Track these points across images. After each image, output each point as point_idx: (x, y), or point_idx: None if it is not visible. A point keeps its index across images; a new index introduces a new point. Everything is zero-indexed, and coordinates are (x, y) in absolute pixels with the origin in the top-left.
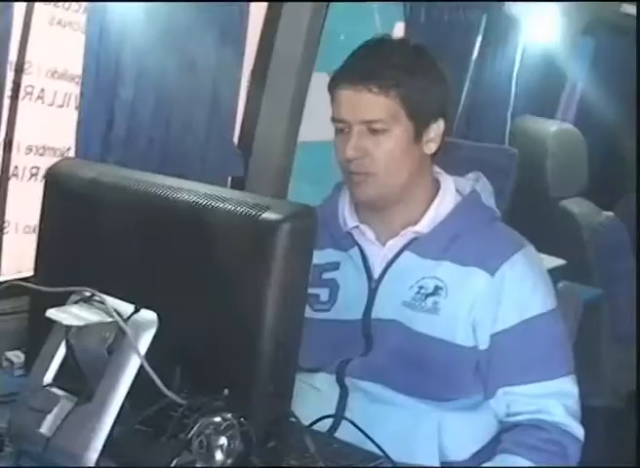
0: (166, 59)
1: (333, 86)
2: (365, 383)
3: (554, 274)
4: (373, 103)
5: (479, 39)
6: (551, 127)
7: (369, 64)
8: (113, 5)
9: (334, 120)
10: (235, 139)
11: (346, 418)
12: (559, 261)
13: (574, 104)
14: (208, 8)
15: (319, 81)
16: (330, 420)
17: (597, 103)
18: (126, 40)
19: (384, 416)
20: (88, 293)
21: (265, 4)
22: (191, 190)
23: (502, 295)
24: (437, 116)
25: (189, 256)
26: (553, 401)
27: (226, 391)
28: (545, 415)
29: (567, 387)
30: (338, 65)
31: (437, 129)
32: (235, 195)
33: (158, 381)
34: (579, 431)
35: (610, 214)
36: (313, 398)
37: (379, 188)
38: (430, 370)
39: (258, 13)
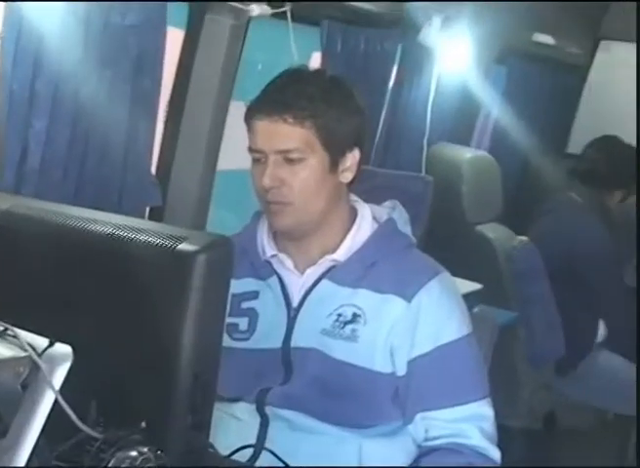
0: (81, 89)
1: (249, 116)
2: (285, 412)
3: (471, 298)
4: (288, 133)
5: (395, 68)
6: (466, 154)
7: (284, 95)
8: (27, 34)
9: (250, 150)
10: (153, 169)
11: (266, 448)
12: (476, 286)
13: (488, 131)
14: (124, 37)
15: (238, 110)
16: (250, 450)
17: (511, 130)
18: (40, 69)
19: (305, 444)
20: (1, 328)
21: (182, 33)
22: (107, 222)
23: (419, 322)
24: (353, 145)
25: (105, 288)
26: (469, 424)
27: (143, 424)
28: (462, 439)
29: (482, 410)
30: (255, 94)
31: (353, 158)
32: (151, 226)
33: (73, 416)
34: (495, 453)
35: (524, 238)
36: (234, 428)
37: (295, 217)
38: (349, 397)
39: (174, 42)
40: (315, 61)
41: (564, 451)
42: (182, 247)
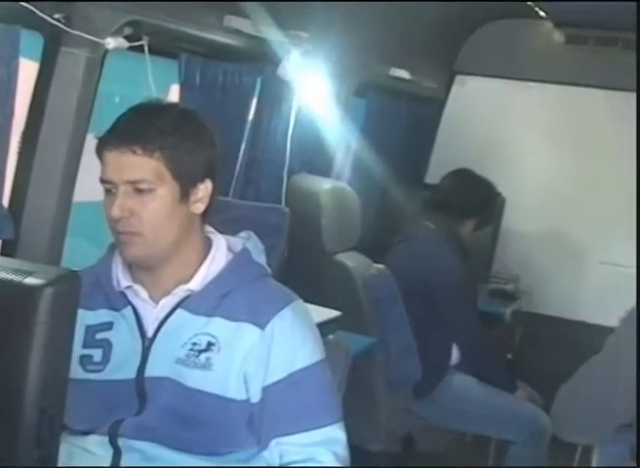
0: None
1: (100, 148)
2: (138, 443)
3: (330, 325)
4: (136, 164)
5: (255, 101)
6: (325, 185)
7: (133, 127)
8: None
9: (102, 181)
10: (5, 202)
11: None
12: (335, 313)
13: (348, 163)
14: None
15: (94, 142)
16: None
17: (370, 161)
18: None
19: None
20: None
21: (36, 64)
22: None
23: (272, 349)
24: (204, 177)
25: None
26: (322, 448)
27: None
28: (315, 463)
29: (335, 434)
30: None
31: (205, 189)
32: None
33: None
34: None
35: (381, 266)
36: (87, 461)
37: (145, 248)
38: (204, 426)
39: (28, 72)
40: (174, 94)
41: None
42: (28, 281)
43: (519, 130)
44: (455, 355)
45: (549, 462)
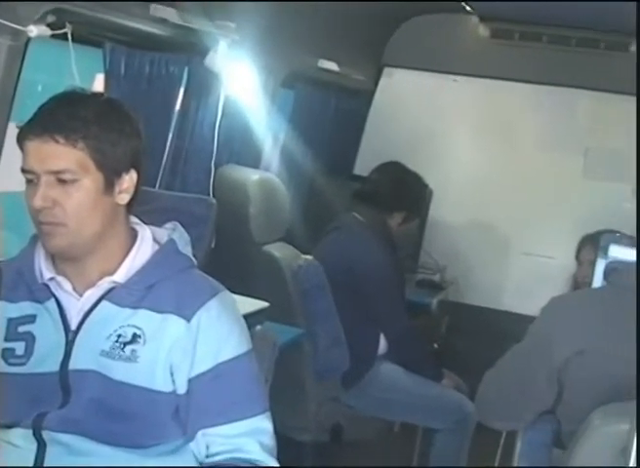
0: None
1: (21, 137)
2: (63, 436)
3: (257, 316)
4: (59, 154)
5: (182, 91)
6: (253, 176)
7: (56, 116)
8: None
9: (23, 171)
10: None
11: None
12: (263, 304)
13: (276, 154)
14: None
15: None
16: None
17: (299, 152)
18: None
19: None
20: None
21: None
22: None
23: (198, 340)
24: (129, 167)
25: None
26: (249, 439)
27: None
28: (242, 454)
29: (262, 425)
30: None
31: (130, 180)
32: None
33: None
34: (274, 465)
35: (309, 257)
36: (11, 454)
37: (69, 239)
38: (130, 418)
39: None
40: (99, 84)
41: (351, 463)
42: None
43: (446, 123)
44: (382, 345)
45: (474, 449)
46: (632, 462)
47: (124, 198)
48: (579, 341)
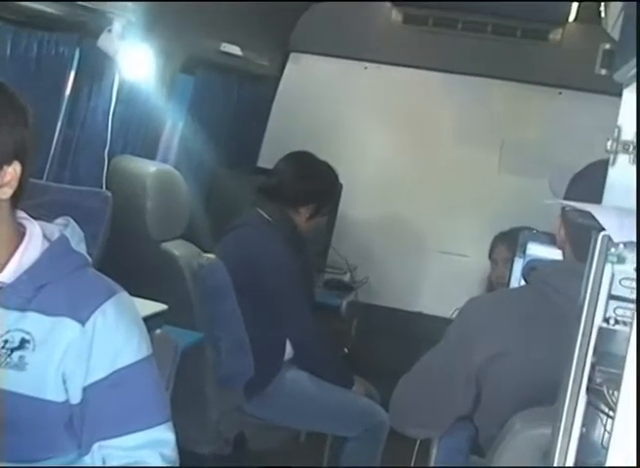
0: None
1: None
2: None
3: (157, 319)
4: None
5: (72, 75)
6: (150, 167)
7: None
8: None
9: None
10: None
11: None
12: (161, 306)
13: (174, 144)
14: None
15: None
16: None
17: (198, 143)
18: None
19: None
20: None
21: None
22: None
23: (94, 345)
24: (12, 159)
25: None
26: (149, 451)
27: None
28: (142, 466)
29: (163, 436)
30: None
31: (13, 172)
32: None
33: None
34: None
35: (211, 256)
36: None
37: None
38: (19, 431)
39: None
40: None
41: None
42: None
43: (356, 112)
44: (288, 350)
45: (388, 457)
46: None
47: (6, 192)
48: (497, 344)
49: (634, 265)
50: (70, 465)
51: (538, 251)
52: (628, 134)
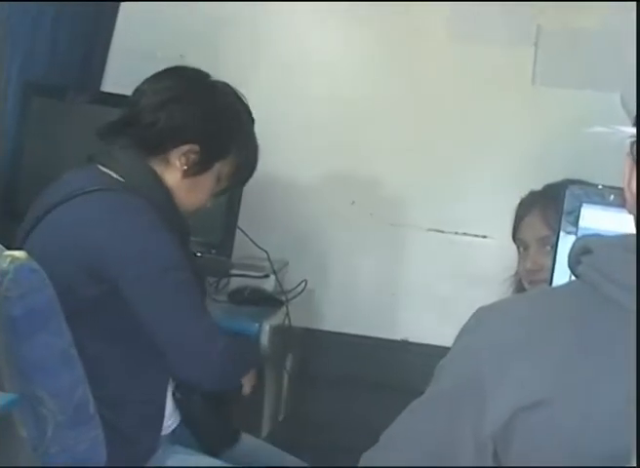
0: None
1: None
2: None
3: None
4: None
5: None
6: None
7: None
8: None
9: None
10: None
11: None
12: None
13: None
14: None
15: None
16: None
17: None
18: None
19: None
20: None
21: None
22: None
23: None
24: None
25: None
26: None
27: None
28: None
29: None
30: None
31: None
32: None
33: None
34: None
35: (18, 253)
36: None
37: None
38: None
39: None
40: None
41: None
42: None
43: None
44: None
45: None
46: None
47: None
48: (527, 389)
49: None
50: None
51: (596, 220)
52: None
